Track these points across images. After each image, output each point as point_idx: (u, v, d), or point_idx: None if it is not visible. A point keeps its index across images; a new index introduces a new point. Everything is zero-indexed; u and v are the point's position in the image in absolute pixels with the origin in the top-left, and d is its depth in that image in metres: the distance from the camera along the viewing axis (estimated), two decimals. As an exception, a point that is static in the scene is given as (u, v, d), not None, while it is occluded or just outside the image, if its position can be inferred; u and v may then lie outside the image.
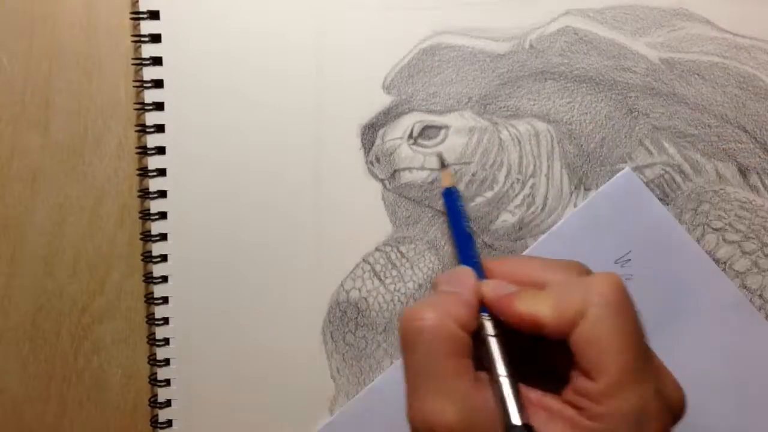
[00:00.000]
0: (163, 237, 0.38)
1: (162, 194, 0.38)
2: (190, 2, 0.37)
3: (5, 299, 0.39)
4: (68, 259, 0.39)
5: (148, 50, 0.37)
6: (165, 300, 0.39)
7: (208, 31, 0.37)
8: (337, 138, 0.38)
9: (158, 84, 0.37)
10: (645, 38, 0.37)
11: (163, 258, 0.38)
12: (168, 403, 0.39)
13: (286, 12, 0.37)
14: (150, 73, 0.37)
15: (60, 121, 0.38)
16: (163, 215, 0.38)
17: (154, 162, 0.38)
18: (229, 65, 0.37)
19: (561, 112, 0.37)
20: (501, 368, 0.27)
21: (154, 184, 0.38)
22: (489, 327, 0.29)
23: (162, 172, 0.38)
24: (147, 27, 0.37)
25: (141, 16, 0.37)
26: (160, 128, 0.38)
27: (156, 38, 0.37)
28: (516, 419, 0.26)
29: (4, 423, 0.40)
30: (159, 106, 0.38)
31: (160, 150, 0.38)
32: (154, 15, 0.37)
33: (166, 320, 0.39)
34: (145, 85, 0.37)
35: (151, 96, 0.38)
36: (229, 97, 0.38)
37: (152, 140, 0.38)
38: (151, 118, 0.38)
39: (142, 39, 0.37)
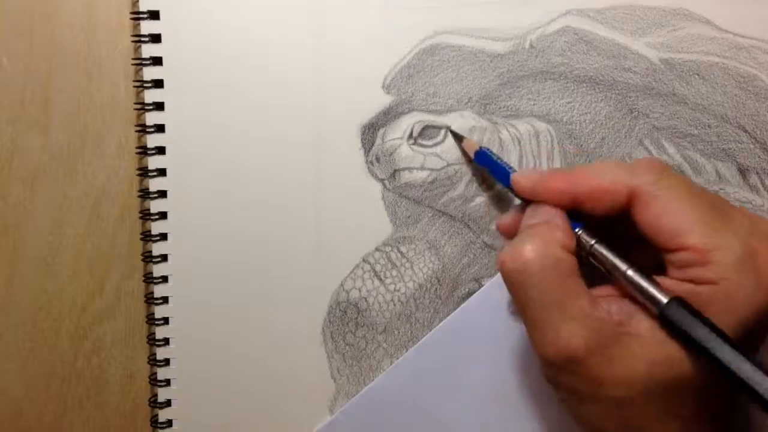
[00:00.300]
0: (163, 237, 0.38)
1: (162, 194, 0.38)
2: (190, 2, 0.37)
3: (5, 299, 0.39)
4: (68, 259, 0.39)
5: (148, 50, 0.37)
6: (165, 300, 0.39)
7: (208, 31, 0.37)
8: (337, 138, 0.38)
9: (158, 84, 0.37)
10: (645, 38, 0.37)
11: (163, 258, 0.38)
12: (168, 403, 0.39)
13: (285, 12, 0.37)
14: (150, 73, 0.37)
15: (60, 121, 0.38)
16: (163, 215, 0.38)
17: (154, 162, 0.38)
18: (229, 65, 0.37)
19: (561, 112, 0.37)
20: (621, 264, 0.28)
21: (154, 184, 0.38)
22: (588, 237, 0.29)
23: (162, 172, 0.38)
24: (147, 27, 0.37)
25: (141, 16, 0.37)
26: (160, 128, 0.38)
27: (156, 38, 0.37)
28: (664, 297, 0.26)
29: (4, 423, 0.40)
30: (159, 106, 0.38)
31: (160, 150, 0.38)
32: (154, 15, 0.37)
33: (166, 320, 0.39)
34: (145, 85, 0.37)
35: (151, 96, 0.38)
36: (229, 97, 0.38)
37: (152, 140, 0.38)
38: (151, 118, 0.38)
39: (142, 39, 0.37)
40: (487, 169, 0.36)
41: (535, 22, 0.37)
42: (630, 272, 0.28)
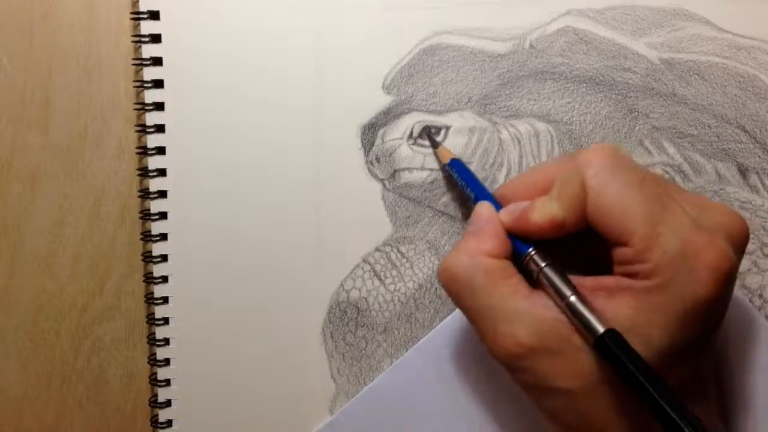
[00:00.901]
0: (163, 237, 0.38)
1: (162, 194, 0.38)
2: (190, 2, 0.37)
3: (5, 299, 0.39)
4: (68, 259, 0.39)
5: (148, 50, 0.37)
6: (165, 300, 0.39)
7: (208, 31, 0.37)
8: (337, 138, 0.38)
9: (158, 84, 0.37)
10: (645, 38, 0.37)
11: (163, 258, 0.38)
12: (168, 403, 0.39)
13: (285, 12, 0.37)
14: (150, 73, 0.37)
15: (60, 121, 0.38)
16: (163, 215, 0.38)
17: (154, 162, 0.38)
18: (229, 65, 0.37)
19: (561, 112, 0.37)
20: (565, 291, 0.28)
21: (154, 184, 0.38)
22: (537, 260, 0.29)
23: (162, 172, 0.38)
24: (147, 27, 0.37)
25: (141, 16, 0.37)
26: (160, 128, 0.38)
27: (156, 38, 0.37)
28: (600, 327, 0.26)
29: (4, 423, 0.40)
30: (159, 106, 0.38)
31: (160, 150, 0.38)
32: (154, 15, 0.37)
33: (166, 320, 0.39)
34: (145, 85, 0.37)
35: (151, 96, 0.38)
36: (229, 97, 0.38)
37: (152, 140, 0.38)
38: (151, 118, 0.38)
39: (142, 39, 0.37)
40: (457, 175, 0.35)
41: (535, 22, 0.37)
42: (572, 299, 0.27)
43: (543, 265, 0.29)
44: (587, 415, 0.27)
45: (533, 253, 0.29)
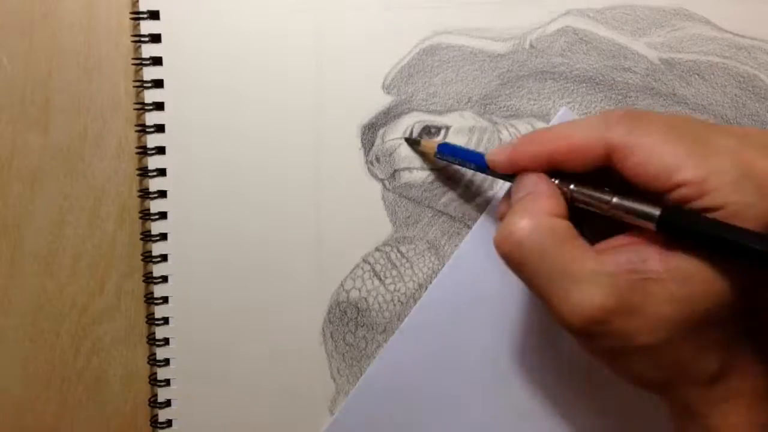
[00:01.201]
0: (163, 237, 0.38)
1: (162, 194, 0.38)
2: (190, 2, 0.37)
3: (5, 299, 0.39)
4: (68, 259, 0.39)
5: (148, 50, 0.37)
6: (165, 300, 0.39)
7: (208, 31, 0.37)
8: (337, 138, 0.38)
9: (158, 84, 0.37)
10: (645, 38, 0.37)
11: (163, 258, 0.38)
12: (168, 403, 0.39)
13: (285, 12, 0.37)
14: (150, 73, 0.37)
15: (60, 121, 0.38)
16: (163, 215, 0.38)
17: (154, 162, 0.38)
18: (229, 65, 0.37)
19: (561, 112, 0.37)
20: (605, 196, 0.28)
21: (154, 184, 0.38)
22: (565, 186, 0.29)
23: (162, 172, 0.38)
24: (147, 27, 0.37)
25: (141, 16, 0.37)
26: (160, 128, 0.38)
27: (156, 38, 0.37)
28: (656, 209, 0.26)
29: (4, 423, 0.40)
30: (159, 106, 0.38)
31: (160, 150, 0.38)
32: (154, 15, 0.37)
33: (166, 320, 0.39)
34: (145, 85, 0.37)
35: (151, 96, 0.38)
36: (229, 97, 0.38)
37: (152, 140, 0.38)
38: (151, 118, 0.38)
39: (142, 39, 0.37)
40: (457, 160, 0.35)
41: (535, 22, 0.37)
42: (615, 199, 0.27)
43: (571, 186, 0.29)
44: (674, 366, 0.27)
45: (560, 182, 0.29)
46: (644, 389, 0.29)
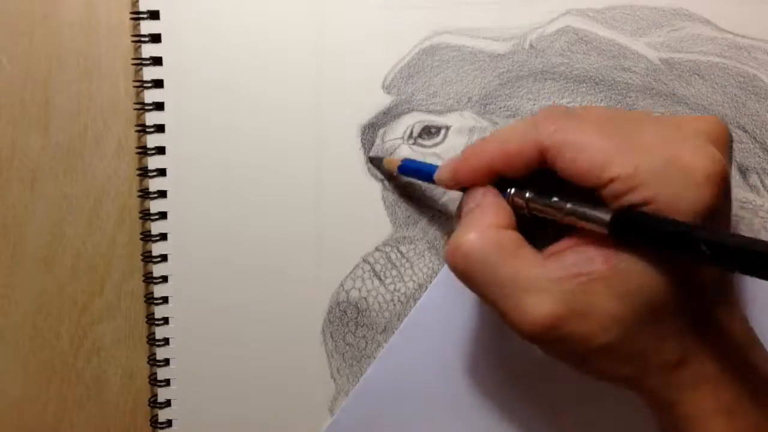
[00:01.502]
0: (163, 237, 0.38)
1: (162, 194, 0.38)
2: (190, 2, 0.37)
3: (5, 299, 0.39)
4: (68, 259, 0.39)
5: (148, 50, 0.37)
6: (165, 300, 0.39)
7: (208, 31, 0.37)
8: (337, 138, 0.38)
9: (158, 84, 0.37)
10: (645, 38, 0.37)
11: (163, 258, 0.38)
12: (168, 403, 0.39)
13: (285, 12, 0.37)
14: (150, 73, 0.37)
15: (60, 121, 0.38)
16: (163, 215, 0.38)
17: (154, 162, 0.38)
18: (229, 65, 0.37)
19: (561, 112, 0.37)
20: (559, 203, 0.28)
21: (154, 184, 0.38)
22: (520, 196, 0.29)
23: (162, 172, 0.38)
24: (147, 27, 0.37)
25: (141, 16, 0.37)
26: (160, 128, 0.38)
27: (156, 38, 0.37)
28: (606, 215, 0.26)
29: (4, 423, 0.40)
30: (159, 106, 0.38)
31: (160, 150, 0.38)
32: (154, 15, 0.37)
33: (166, 320, 0.39)
34: (145, 85, 0.37)
35: (151, 96, 0.38)
36: (229, 97, 0.38)
37: (152, 140, 0.38)
38: (151, 118, 0.38)
39: (142, 39, 0.37)
40: (416, 177, 0.35)
41: (535, 22, 0.37)
42: (569, 205, 0.27)
43: (527, 195, 0.29)
44: (636, 359, 0.27)
45: (513, 192, 0.30)
46: (615, 385, 0.29)
